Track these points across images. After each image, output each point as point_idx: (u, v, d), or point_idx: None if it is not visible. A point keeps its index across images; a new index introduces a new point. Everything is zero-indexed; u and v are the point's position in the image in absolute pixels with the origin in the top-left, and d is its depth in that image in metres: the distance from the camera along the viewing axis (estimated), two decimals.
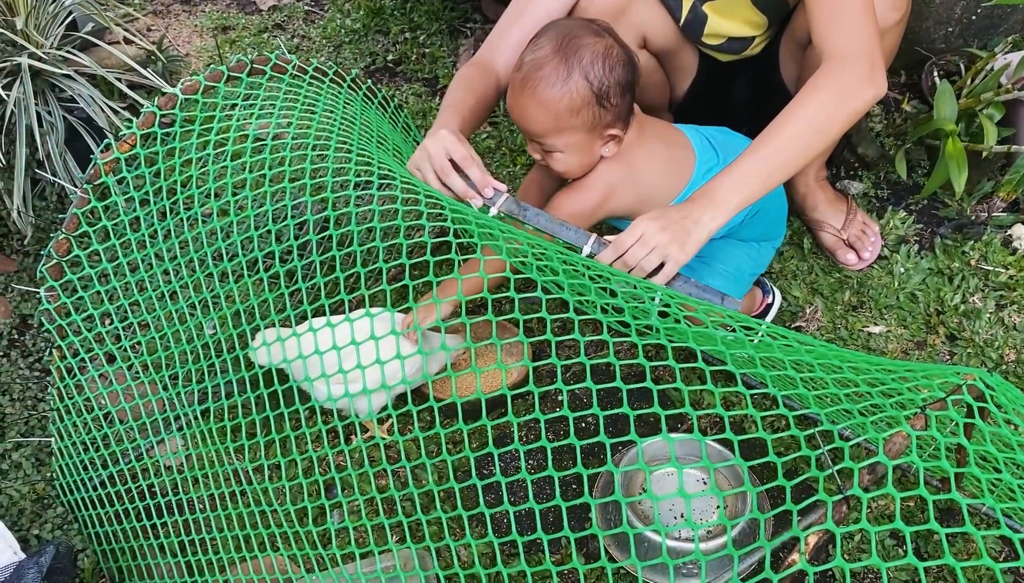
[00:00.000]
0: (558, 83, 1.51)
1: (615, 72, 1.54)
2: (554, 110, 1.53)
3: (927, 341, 1.88)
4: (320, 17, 3.10)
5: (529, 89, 1.53)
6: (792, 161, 1.50)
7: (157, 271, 1.48)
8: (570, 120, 1.54)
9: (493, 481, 1.13)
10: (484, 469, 1.72)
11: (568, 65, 1.51)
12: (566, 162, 1.62)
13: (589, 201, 1.67)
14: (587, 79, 1.52)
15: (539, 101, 1.53)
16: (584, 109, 1.53)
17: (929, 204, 2.16)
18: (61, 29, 2.28)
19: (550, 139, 1.58)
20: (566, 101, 1.52)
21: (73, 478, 1.66)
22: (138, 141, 1.48)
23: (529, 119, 1.57)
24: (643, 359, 1.08)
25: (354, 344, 1.17)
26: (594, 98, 1.53)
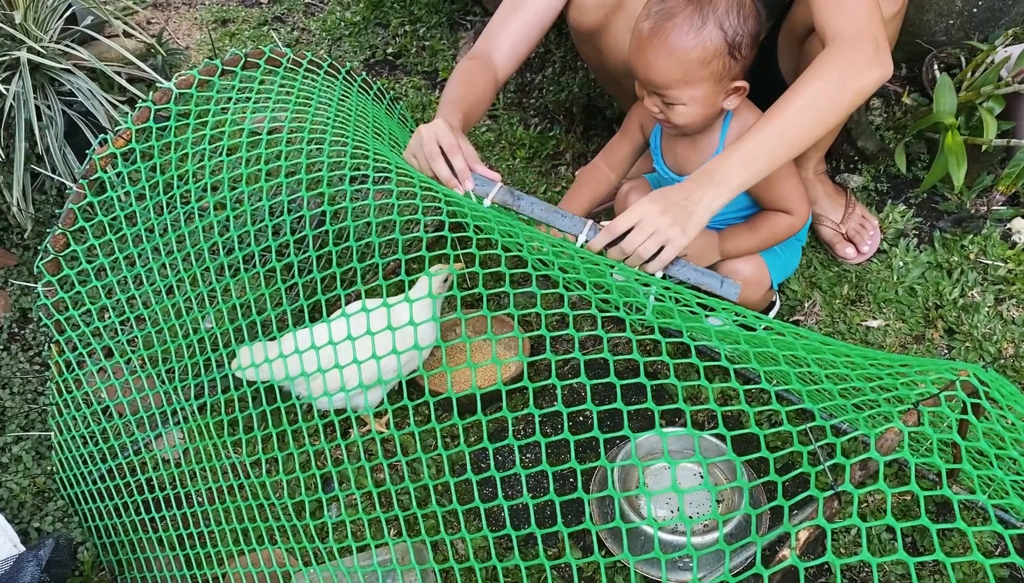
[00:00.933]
0: (691, 32, 1.47)
1: (748, 22, 1.50)
2: (685, 60, 1.48)
3: (925, 335, 1.88)
4: (320, 10, 3.09)
5: (659, 38, 1.48)
6: (796, 141, 1.48)
7: (155, 266, 1.48)
8: (699, 71, 1.50)
9: (488, 476, 1.13)
10: (481, 463, 1.72)
11: (703, 14, 1.47)
12: (689, 115, 1.57)
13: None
14: (722, 28, 1.47)
15: (670, 50, 1.48)
16: (715, 60, 1.49)
17: (928, 198, 2.16)
18: (60, 23, 2.28)
19: (675, 90, 1.53)
20: (698, 51, 1.48)
21: (73, 472, 1.67)
22: (133, 136, 1.48)
23: (656, 69, 1.51)
24: (637, 354, 1.08)
25: (350, 339, 1.17)
26: (727, 48, 1.48)
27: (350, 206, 1.24)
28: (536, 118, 2.54)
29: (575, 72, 2.57)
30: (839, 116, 1.54)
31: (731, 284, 1.44)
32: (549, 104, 2.54)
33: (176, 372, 1.52)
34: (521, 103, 2.59)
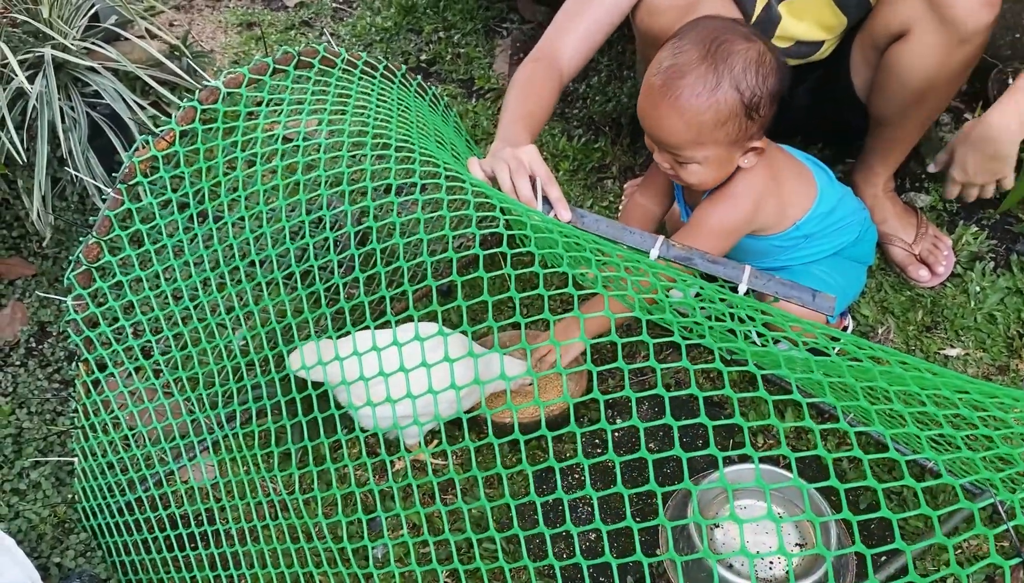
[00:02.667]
0: (704, 93, 1.36)
1: (768, 81, 1.38)
2: (697, 121, 1.38)
3: (1010, 365, 1.76)
4: (349, 15, 2.98)
5: (671, 97, 1.37)
6: None
7: (196, 279, 1.35)
8: (713, 133, 1.39)
9: (563, 530, 1.00)
10: (544, 506, 1.59)
11: (718, 73, 1.35)
12: (701, 175, 1.47)
13: (741, 211, 1.51)
14: (738, 89, 1.36)
15: (681, 110, 1.37)
16: (731, 121, 1.38)
17: (1002, 219, 2.04)
18: (84, 21, 2.16)
19: (687, 151, 1.43)
20: (712, 112, 1.37)
21: (97, 501, 1.54)
22: (176, 138, 1.36)
23: (666, 129, 1.41)
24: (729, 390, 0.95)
25: (425, 366, 1.04)
26: (743, 110, 1.37)
27: (421, 217, 1.12)
28: (580, 129, 2.43)
29: (622, 81, 2.46)
30: None
31: (824, 297, 1.31)
32: (594, 115, 2.43)
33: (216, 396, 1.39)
34: (564, 113, 2.48)
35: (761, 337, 1.14)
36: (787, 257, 1.67)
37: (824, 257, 1.70)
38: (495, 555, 1.50)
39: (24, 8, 2.01)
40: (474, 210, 1.12)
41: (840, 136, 2.19)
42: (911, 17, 1.59)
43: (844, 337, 1.10)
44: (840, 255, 1.69)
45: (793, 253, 1.65)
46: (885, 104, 1.76)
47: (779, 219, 1.58)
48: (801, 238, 1.63)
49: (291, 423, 1.27)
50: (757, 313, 1.18)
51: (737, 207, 1.51)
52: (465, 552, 1.51)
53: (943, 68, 1.62)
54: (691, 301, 1.25)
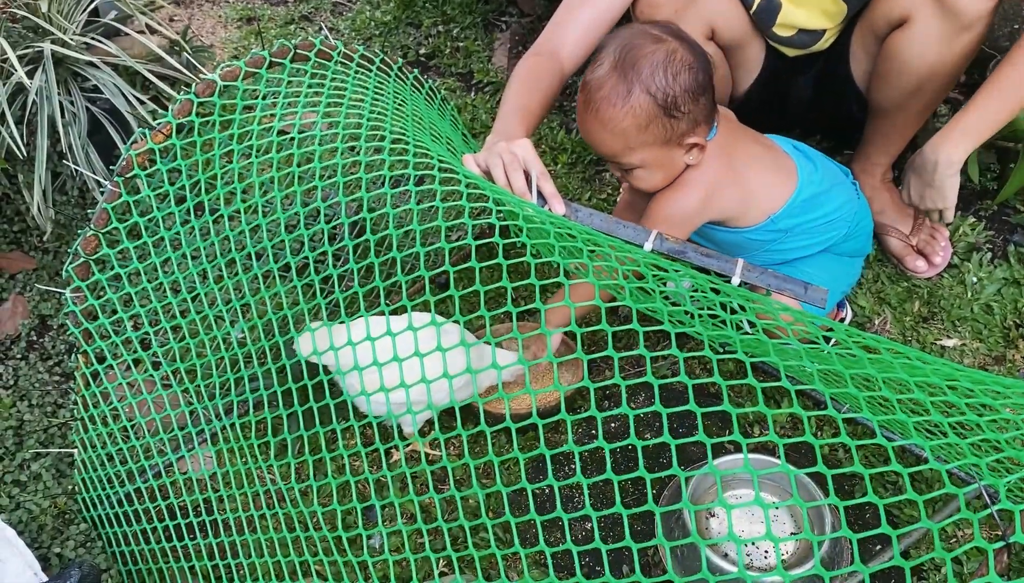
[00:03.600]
0: (619, 101, 1.41)
1: (680, 78, 1.42)
2: (620, 129, 1.43)
3: (1006, 356, 1.76)
4: (348, 9, 2.99)
5: (592, 111, 1.44)
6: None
7: (193, 271, 1.36)
8: (639, 137, 1.44)
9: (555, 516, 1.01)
10: (536, 494, 1.60)
11: (627, 81, 1.40)
12: (648, 178, 1.52)
13: (691, 200, 1.54)
14: (649, 93, 1.40)
15: (603, 122, 1.43)
16: (652, 123, 1.43)
17: (999, 210, 2.04)
18: (84, 16, 2.17)
19: (624, 158, 1.48)
20: (630, 119, 1.42)
21: (97, 492, 1.55)
22: (173, 131, 1.37)
23: (598, 142, 1.47)
24: (718, 377, 0.96)
25: (418, 355, 1.05)
26: (660, 111, 1.42)
27: (415, 208, 1.13)
28: None
29: None
30: None
31: (816, 289, 1.32)
32: None
33: (214, 387, 1.40)
34: (562, 106, 2.48)
35: (753, 327, 1.15)
36: (768, 252, 1.67)
37: (813, 254, 1.70)
38: (489, 543, 1.51)
39: (24, 3, 2.02)
40: (467, 202, 1.12)
41: (840, 128, 2.19)
42: (912, 5, 1.59)
43: (835, 327, 1.10)
44: (830, 252, 1.69)
45: (773, 247, 1.66)
46: (884, 93, 1.76)
47: (745, 209, 1.59)
48: (779, 232, 1.63)
49: (287, 413, 1.27)
50: (749, 304, 1.19)
51: (686, 195, 1.54)
52: (461, 541, 1.52)
53: (943, 57, 1.62)
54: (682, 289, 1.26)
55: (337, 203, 1.35)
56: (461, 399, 1.52)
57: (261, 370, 1.35)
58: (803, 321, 1.12)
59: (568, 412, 1.67)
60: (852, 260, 1.76)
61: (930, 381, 0.95)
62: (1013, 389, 0.98)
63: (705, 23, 1.71)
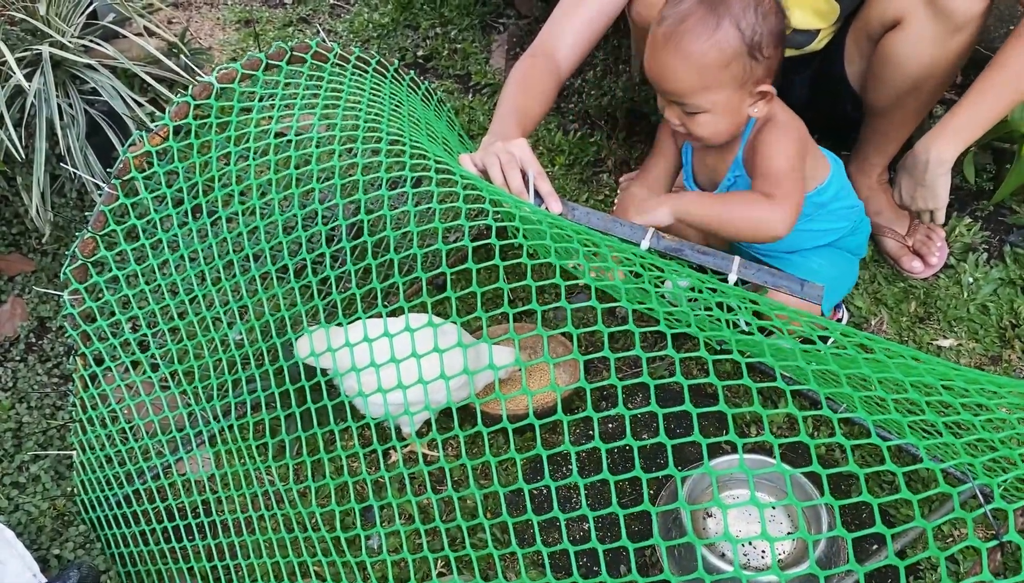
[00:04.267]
0: (704, 34, 1.38)
1: (768, 20, 1.40)
2: (700, 64, 1.39)
3: (1002, 356, 1.76)
4: (346, 11, 2.99)
5: (672, 44, 1.40)
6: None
7: (191, 273, 1.36)
8: (718, 75, 1.41)
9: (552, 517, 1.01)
10: (535, 494, 1.61)
11: (717, 14, 1.38)
12: (712, 124, 1.48)
13: (795, 137, 1.51)
14: (738, 28, 1.38)
15: (684, 55, 1.39)
16: (734, 62, 1.40)
17: (996, 211, 2.05)
18: (82, 18, 2.18)
19: (695, 98, 1.44)
20: (714, 53, 1.38)
21: (96, 494, 1.55)
22: (170, 133, 1.37)
23: (671, 77, 1.43)
24: (715, 378, 0.96)
25: (415, 356, 1.06)
26: (746, 49, 1.39)
27: (412, 210, 1.13)
28: (575, 123, 2.44)
29: (617, 76, 2.47)
30: None
31: (812, 286, 1.33)
32: (590, 109, 2.43)
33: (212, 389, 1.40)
34: (560, 108, 2.49)
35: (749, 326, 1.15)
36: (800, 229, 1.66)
37: (821, 245, 1.71)
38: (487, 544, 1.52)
39: (22, 6, 2.02)
40: (464, 202, 1.12)
41: (836, 129, 2.20)
42: (905, 6, 1.59)
43: (831, 326, 1.11)
44: (835, 246, 1.70)
45: (806, 224, 1.65)
46: (879, 94, 1.77)
47: (810, 172, 1.58)
48: (817, 206, 1.64)
49: (285, 414, 1.28)
50: (747, 303, 1.19)
51: (790, 134, 1.51)
52: (460, 542, 1.52)
53: (937, 58, 1.63)
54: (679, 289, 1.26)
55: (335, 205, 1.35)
56: (458, 400, 1.52)
57: (259, 372, 1.36)
58: (799, 320, 1.13)
59: (566, 413, 1.68)
60: (853, 259, 1.77)
61: (925, 381, 0.95)
62: (1008, 388, 0.99)
63: None
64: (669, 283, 1.34)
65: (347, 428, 1.66)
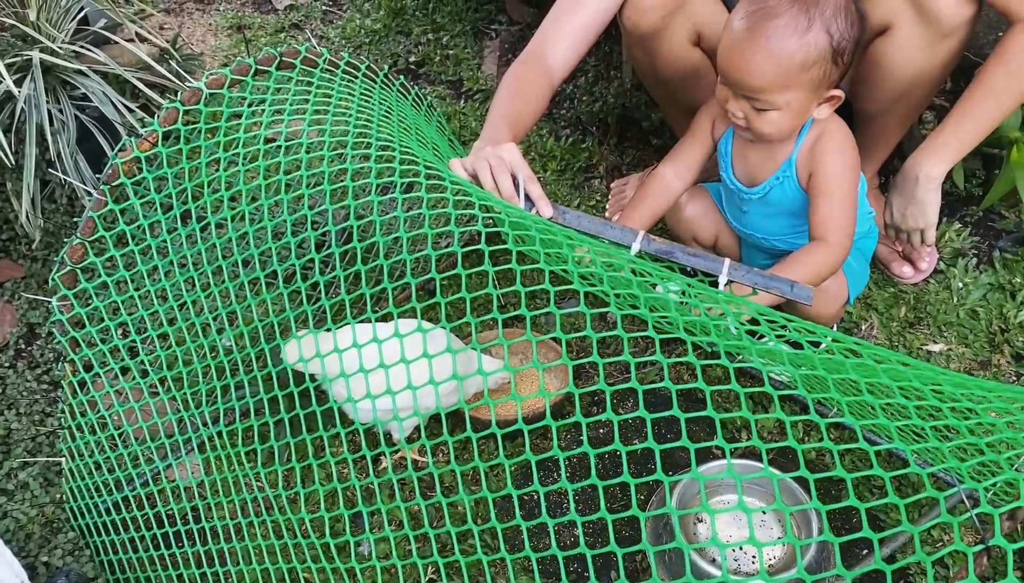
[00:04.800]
0: (795, 34, 1.35)
1: (855, 27, 1.39)
2: (786, 63, 1.37)
3: (991, 361, 1.77)
4: (339, 17, 2.99)
5: (760, 39, 1.36)
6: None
7: (180, 279, 1.36)
8: (800, 76, 1.39)
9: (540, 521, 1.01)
10: (525, 500, 1.60)
11: (809, 15, 1.36)
12: (779, 122, 1.46)
13: (854, 152, 1.52)
14: (828, 32, 1.36)
15: (770, 52, 1.36)
16: (817, 65, 1.38)
17: (985, 216, 2.06)
18: (73, 24, 2.18)
19: (770, 96, 1.41)
20: (801, 54, 1.36)
21: (85, 501, 1.55)
22: (159, 139, 1.37)
23: (752, 72, 1.39)
24: (703, 382, 0.96)
25: (404, 362, 1.06)
26: (831, 53, 1.38)
27: (401, 216, 1.13)
28: (567, 129, 2.44)
29: (609, 81, 2.47)
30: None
31: (802, 287, 1.33)
32: (581, 115, 2.44)
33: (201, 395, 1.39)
34: (551, 114, 2.49)
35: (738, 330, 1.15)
36: None
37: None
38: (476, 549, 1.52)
39: (12, 12, 2.02)
40: (454, 208, 1.12)
41: None
42: (893, 12, 1.60)
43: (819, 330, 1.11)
44: (855, 245, 1.70)
45: None
46: (868, 100, 1.78)
47: None
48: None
49: (275, 419, 1.27)
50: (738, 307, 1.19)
51: (849, 145, 1.52)
52: (449, 548, 1.52)
53: (926, 64, 1.64)
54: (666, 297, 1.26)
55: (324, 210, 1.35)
56: (447, 405, 1.52)
57: (247, 377, 1.35)
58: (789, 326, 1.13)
59: (556, 418, 1.68)
60: (865, 259, 1.77)
61: (913, 385, 0.95)
62: (996, 392, 0.99)
63: (692, 28, 1.72)
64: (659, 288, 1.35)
65: (337, 434, 1.66)
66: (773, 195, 1.61)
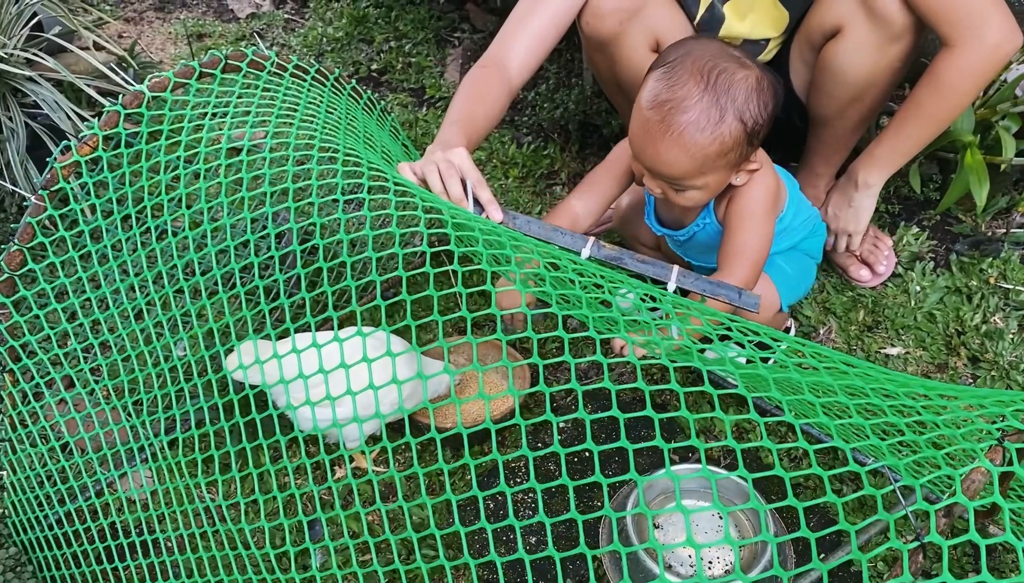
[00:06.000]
0: (708, 127, 1.32)
1: (768, 107, 1.35)
2: (701, 157, 1.34)
3: (948, 363, 1.77)
4: (300, 25, 2.98)
5: (673, 133, 1.33)
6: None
7: (122, 287, 1.33)
8: (715, 162, 1.36)
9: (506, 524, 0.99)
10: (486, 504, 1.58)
11: (720, 105, 1.32)
12: (696, 198, 1.45)
13: (771, 190, 1.50)
14: (742, 120, 1.33)
15: (685, 146, 1.33)
16: (734, 150, 1.36)
17: (942, 220, 2.07)
18: (26, 31, 2.14)
19: (687, 181, 1.40)
20: (716, 146, 1.34)
21: (28, 515, 1.50)
22: (100, 143, 1.34)
23: (666, 164, 1.37)
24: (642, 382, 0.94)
25: (344, 367, 1.03)
26: (746, 138, 1.35)
27: (342, 218, 1.11)
28: (529, 136, 2.43)
29: (570, 89, 2.47)
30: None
31: (750, 295, 1.32)
32: (543, 121, 2.43)
33: (144, 404, 1.36)
34: (513, 121, 2.48)
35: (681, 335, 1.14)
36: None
37: (784, 249, 1.71)
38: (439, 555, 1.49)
39: None
40: (395, 210, 1.11)
41: (785, 140, 2.21)
42: (844, 15, 1.61)
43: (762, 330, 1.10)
44: (796, 248, 1.70)
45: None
46: (823, 104, 1.78)
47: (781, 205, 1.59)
48: (778, 232, 1.63)
49: (229, 424, 1.24)
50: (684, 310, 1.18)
51: (765, 186, 1.49)
52: (406, 558, 1.49)
53: (877, 66, 1.64)
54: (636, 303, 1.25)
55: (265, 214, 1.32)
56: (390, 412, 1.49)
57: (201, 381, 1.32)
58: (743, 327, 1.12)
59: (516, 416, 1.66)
60: (811, 260, 1.77)
61: (853, 385, 0.94)
62: (936, 391, 0.99)
63: (650, 34, 1.72)
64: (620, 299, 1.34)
65: (293, 443, 1.63)
66: (698, 237, 1.63)
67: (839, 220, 1.80)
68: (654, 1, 1.69)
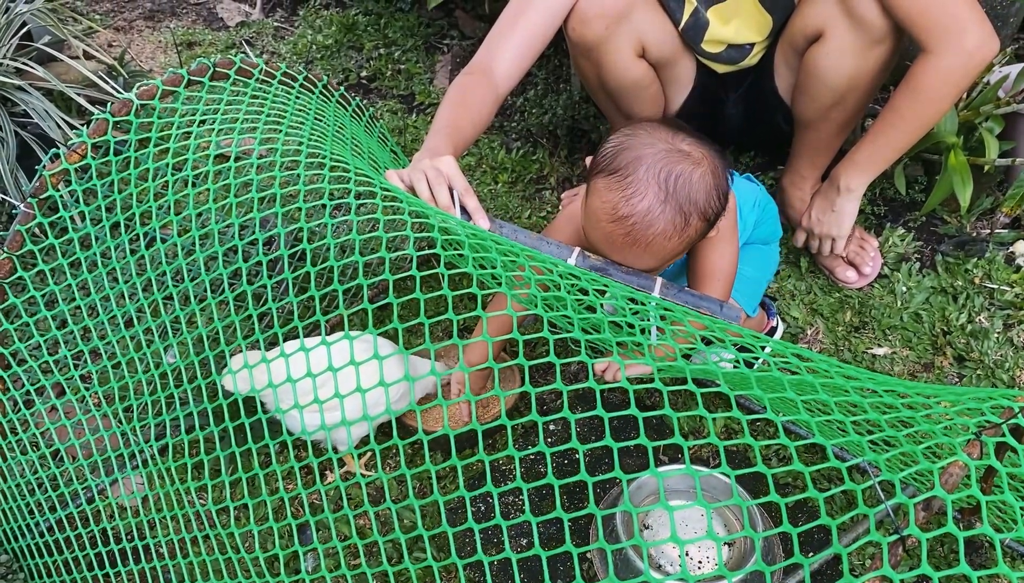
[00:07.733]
0: (676, 234, 1.31)
1: (724, 188, 1.35)
2: (671, 254, 1.36)
3: (934, 363, 1.79)
4: (290, 33, 2.99)
5: (639, 246, 1.32)
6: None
7: (112, 294, 1.34)
8: (683, 252, 1.39)
9: (493, 524, 1.00)
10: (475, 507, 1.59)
11: (684, 213, 1.30)
12: (658, 270, 1.44)
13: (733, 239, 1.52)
14: (705, 218, 1.33)
15: (654, 252, 1.33)
16: (697, 239, 1.38)
17: (928, 221, 2.08)
18: (15, 40, 2.15)
19: (657, 267, 1.41)
20: (684, 245, 1.35)
21: (19, 523, 1.50)
22: (89, 151, 1.35)
23: (633, 264, 1.37)
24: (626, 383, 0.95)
25: (332, 370, 1.04)
26: (707, 227, 1.36)
27: (329, 222, 1.12)
28: (518, 142, 2.45)
29: (558, 94, 2.48)
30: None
31: (730, 308, 1.34)
32: (532, 127, 2.45)
33: (135, 411, 1.37)
34: (502, 126, 2.50)
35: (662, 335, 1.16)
36: None
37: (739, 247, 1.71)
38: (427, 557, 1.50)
39: None
40: (382, 214, 1.12)
41: (770, 143, 2.23)
42: (826, 18, 1.63)
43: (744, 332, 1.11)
44: (749, 243, 1.70)
45: None
46: (807, 107, 1.80)
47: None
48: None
49: (219, 429, 1.25)
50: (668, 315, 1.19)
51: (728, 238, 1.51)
52: (396, 561, 1.50)
53: (859, 69, 1.66)
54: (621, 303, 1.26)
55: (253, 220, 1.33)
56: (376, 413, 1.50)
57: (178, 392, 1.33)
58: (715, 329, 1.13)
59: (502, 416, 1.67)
60: (768, 247, 1.77)
61: (834, 384, 0.96)
62: (915, 390, 1.00)
63: (635, 40, 1.74)
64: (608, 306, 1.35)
65: (283, 448, 1.64)
66: (665, 272, 1.60)
67: (822, 225, 1.83)
68: (639, 7, 1.71)
